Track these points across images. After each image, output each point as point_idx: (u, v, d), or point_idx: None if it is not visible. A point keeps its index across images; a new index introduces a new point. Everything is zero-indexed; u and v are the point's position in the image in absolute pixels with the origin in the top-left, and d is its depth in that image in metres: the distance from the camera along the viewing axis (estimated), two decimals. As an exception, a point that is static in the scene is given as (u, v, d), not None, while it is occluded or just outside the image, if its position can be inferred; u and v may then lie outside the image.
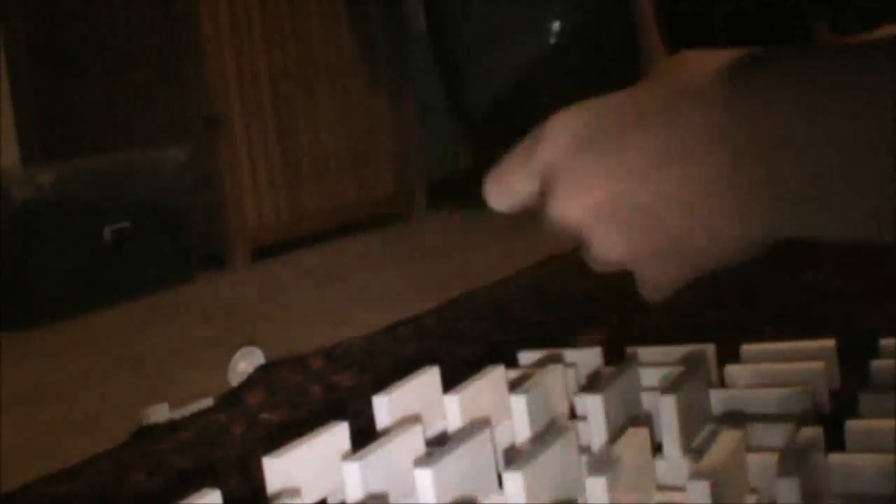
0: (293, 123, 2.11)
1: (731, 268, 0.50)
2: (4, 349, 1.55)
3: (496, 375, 0.65)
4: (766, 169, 0.44)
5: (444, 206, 2.41)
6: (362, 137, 2.25)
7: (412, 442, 0.56)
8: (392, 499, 0.54)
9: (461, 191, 2.76)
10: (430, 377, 0.64)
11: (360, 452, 0.54)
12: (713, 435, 0.60)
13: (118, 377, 1.30)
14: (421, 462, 0.51)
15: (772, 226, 0.45)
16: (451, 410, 0.60)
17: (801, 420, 0.63)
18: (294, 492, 0.54)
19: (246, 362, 1.12)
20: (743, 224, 0.46)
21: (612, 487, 0.50)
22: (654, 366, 0.70)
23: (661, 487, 0.57)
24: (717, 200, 0.46)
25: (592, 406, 0.59)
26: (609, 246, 0.51)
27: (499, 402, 0.64)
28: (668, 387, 0.60)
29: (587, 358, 0.77)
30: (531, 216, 0.59)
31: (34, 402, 1.24)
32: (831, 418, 0.62)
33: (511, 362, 0.77)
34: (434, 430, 0.63)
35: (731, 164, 0.45)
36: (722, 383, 0.70)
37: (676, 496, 0.56)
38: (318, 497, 0.57)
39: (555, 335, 1.10)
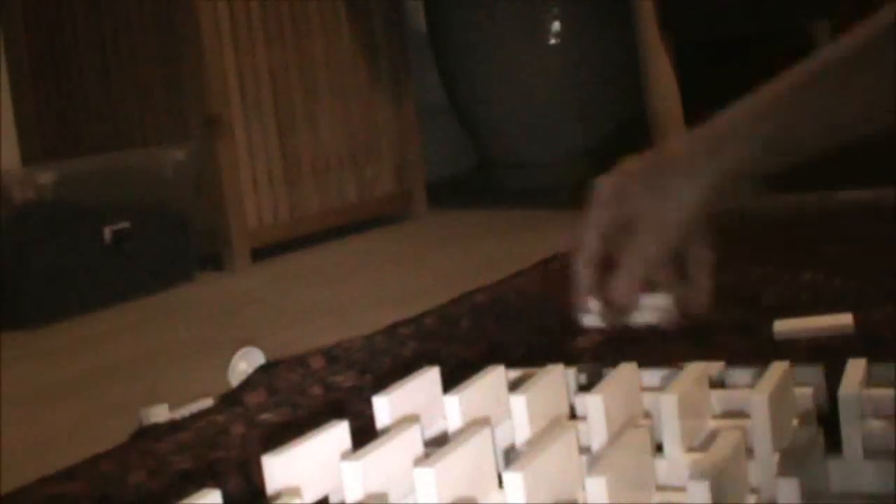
0: (293, 123, 2.11)
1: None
2: (4, 349, 1.55)
3: (496, 375, 0.65)
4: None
5: (444, 206, 2.41)
6: (362, 137, 2.25)
7: (412, 442, 0.56)
8: (392, 499, 0.54)
9: (461, 191, 2.77)
10: (430, 377, 0.64)
11: (360, 452, 0.54)
12: (713, 435, 0.60)
13: (118, 377, 1.30)
14: (421, 462, 0.51)
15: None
16: (451, 410, 0.60)
17: (801, 420, 0.63)
18: (294, 491, 0.54)
19: (246, 362, 1.12)
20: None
21: (612, 487, 0.50)
22: (654, 366, 0.70)
23: (661, 487, 0.57)
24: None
25: (592, 406, 0.59)
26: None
27: (499, 402, 0.64)
28: (668, 387, 0.60)
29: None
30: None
31: (34, 402, 1.24)
32: (831, 418, 0.62)
33: (511, 362, 0.77)
34: (434, 430, 0.63)
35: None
36: (722, 383, 0.70)
37: (676, 496, 0.56)
38: (317, 496, 0.57)
39: (555, 335, 1.10)
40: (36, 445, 1.06)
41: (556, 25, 2.46)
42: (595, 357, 0.92)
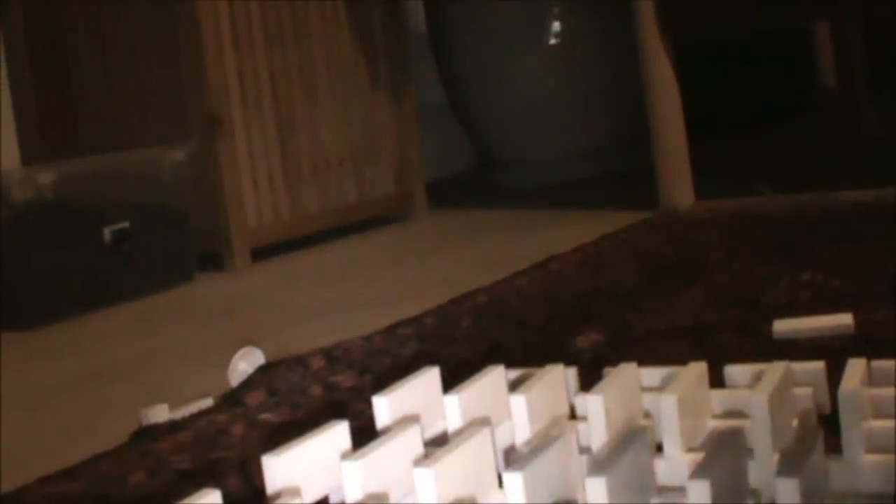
0: (293, 123, 2.11)
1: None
2: (4, 349, 1.55)
3: (496, 375, 0.65)
4: None
5: (444, 206, 2.41)
6: (362, 137, 2.25)
7: (412, 442, 0.56)
8: (392, 499, 0.54)
9: (461, 191, 2.77)
10: (430, 377, 0.64)
11: (360, 452, 0.54)
12: (713, 435, 0.60)
13: (118, 377, 1.30)
14: (421, 462, 0.51)
15: None
16: (451, 410, 0.60)
17: (802, 420, 0.63)
18: (294, 491, 0.54)
19: (246, 362, 1.12)
20: None
21: (612, 487, 0.50)
22: (654, 366, 0.70)
23: (661, 487, 0.57)
24: None
25: (592, 406, 0.59)
26: None
27: (499, 402, 0.64)
28: (668, 387, 0.60)
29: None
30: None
31: (34, 402, 1.24)
32: (831, 418, 0.62)
33: (511, 362, 0.77)
34: (434, 430, 0.63)
35: None
36: (722, 383, 0.70)
37: (676, 496, 0.56)
38: (317, 496, 0.57)
39: (555, 335, 1.10)
40: (36, 445, 1.06)
41: (556, 25, 2.46)
42: (595, 357, 0.92)
